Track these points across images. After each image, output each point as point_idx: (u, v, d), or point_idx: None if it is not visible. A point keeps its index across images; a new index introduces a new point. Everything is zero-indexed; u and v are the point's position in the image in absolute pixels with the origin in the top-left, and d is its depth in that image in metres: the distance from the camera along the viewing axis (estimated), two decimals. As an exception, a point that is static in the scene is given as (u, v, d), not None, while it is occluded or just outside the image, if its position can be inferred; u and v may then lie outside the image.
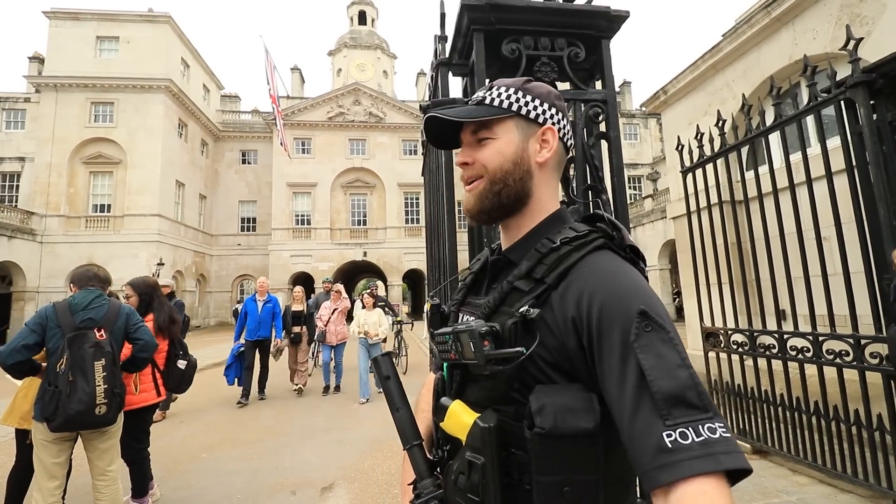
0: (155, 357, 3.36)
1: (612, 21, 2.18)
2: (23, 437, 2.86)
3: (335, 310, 7.44)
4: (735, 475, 0.52)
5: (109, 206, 24.22)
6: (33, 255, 21.26)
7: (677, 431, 0.52)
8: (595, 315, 0.61)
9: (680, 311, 20.47)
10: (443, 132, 0.82)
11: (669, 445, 0.52)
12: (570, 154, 0.88)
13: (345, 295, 8.36)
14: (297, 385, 7.45)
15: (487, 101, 0.79)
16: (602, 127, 2.21)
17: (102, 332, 2.66)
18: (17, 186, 24.90)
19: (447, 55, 2.44)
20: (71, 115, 23.98)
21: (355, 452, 4.39)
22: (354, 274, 34.71)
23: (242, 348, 6.67)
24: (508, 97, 0.78)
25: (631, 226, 22.99)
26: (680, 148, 4.47)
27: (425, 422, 0.85)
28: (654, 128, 29.09)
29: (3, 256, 19.54)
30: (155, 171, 24.27)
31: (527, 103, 0.78)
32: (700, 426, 0.52)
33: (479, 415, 0.67)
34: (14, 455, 2.91)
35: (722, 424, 0.54)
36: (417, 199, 29.11)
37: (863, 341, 2.85)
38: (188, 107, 27.09)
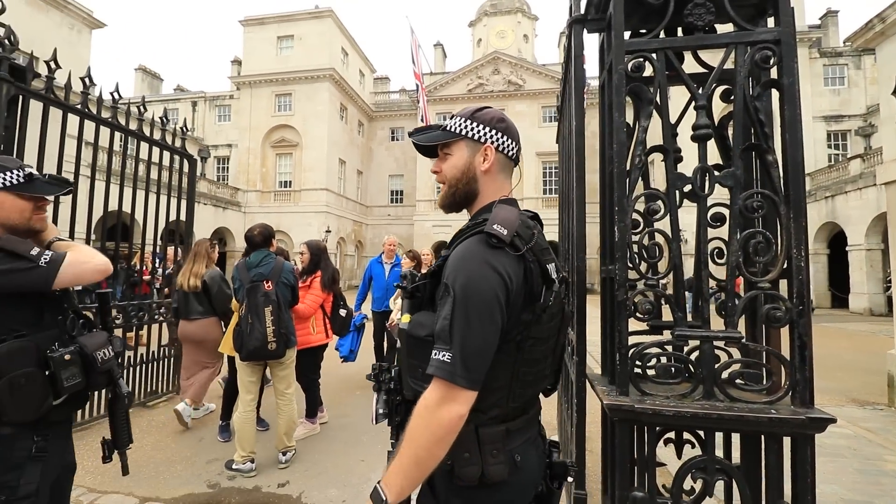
0: (325, 306, 4.19)
1: (795, -63, 1.76)
2: (233, 362, 3.76)
3: None
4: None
5: (290, 182, 28.81)
6: (238, 222, 26.58)
7: (433, 351, 0.95)
8: (444, 276, 1.01)
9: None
10: (427, 151, 1.20)
11: (432, 356, 0.95)
12: (515, 161, 1.23)
13: None
14: None
15: (447, 128, 1.16)
16: (773, 73, 1.84)
17: (269, 283, 3.29)
18: (227, 168, 31.22)
19: (582, 11, 2.27)
20: (261, 107, 28.84)
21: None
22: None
23: (365, 319, 5.32)
24: (460, 124, 1.15)
25: (827, 195, 18.77)
26: (901, 91, 3.44)
27: None
28: (871, 69, 22.45)
29: (220, 223, 24.85)
30: (322, 151, 27.94)
31: (472, 128, 1.14)
32: (440, 352, 0.93)
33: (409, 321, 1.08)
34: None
35: (449, 355, 0.92)
36: (555, 168, 28.01)
37: None
38: (347, 91, 30.25)
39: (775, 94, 1.86)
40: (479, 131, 1.14)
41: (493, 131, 1.15)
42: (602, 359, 2.19)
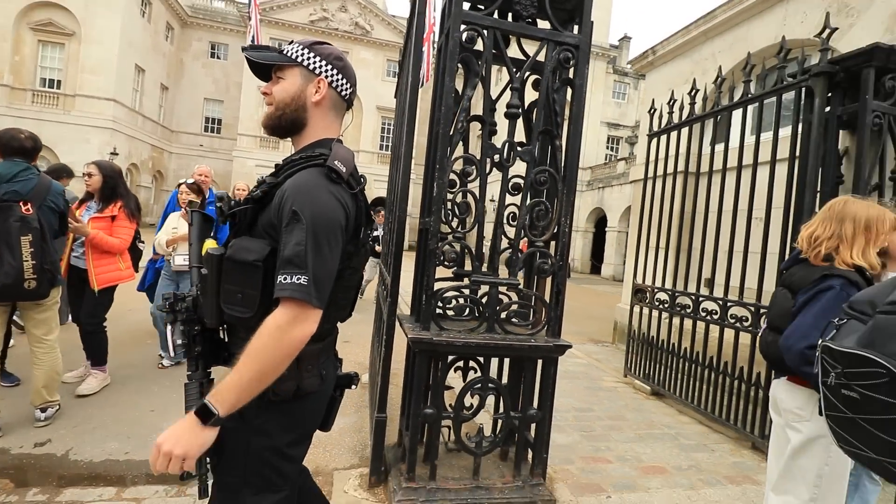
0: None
1: (598, -37, 2.15)
2: None
3: None
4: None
5: (59, 81, 22.03)
6: (-32, 122, 19.40)
7: (282, 276, 0.97)
8: (284, 205, 1.01)
9: (630, 273, 21.56)
10: (259, 71, 1.17)
11: (280, 281, 0.97)
12: (348, 103, 1.22)
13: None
14: None
15: (284, 52, 1.15)
16: (571, 73, 2.25)
17: (29, 206, 2.58)
18: (-52, 41, 22.07)
19: (429, -31, 2.34)
20: (14, -32, 20.94)
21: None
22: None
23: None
24: (297, 51, 1.13)
25: (600, 186, 23.47)
26: (652, 111, 4.54)
27: None
28: (643, 90, 28.76)
29: (-67, 119, 17.74)
30: (112, 50, 22.02)
31: (309, 58, 1.13)
32: (294, 276, 0.96)
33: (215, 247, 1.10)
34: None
35: (305, 278, 0.96)
36: (389, 125, 28.13)
37: (762, 310, 3.20)
38: (153, -19, 24.21)
39: (571, 91, 2.30)
40: (315, 62, 1.14)
41: (330, 67, 1.15)
42: (412, 302, 2.45)
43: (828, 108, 3.07)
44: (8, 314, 2.79)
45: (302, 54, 1.13)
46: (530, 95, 2.26)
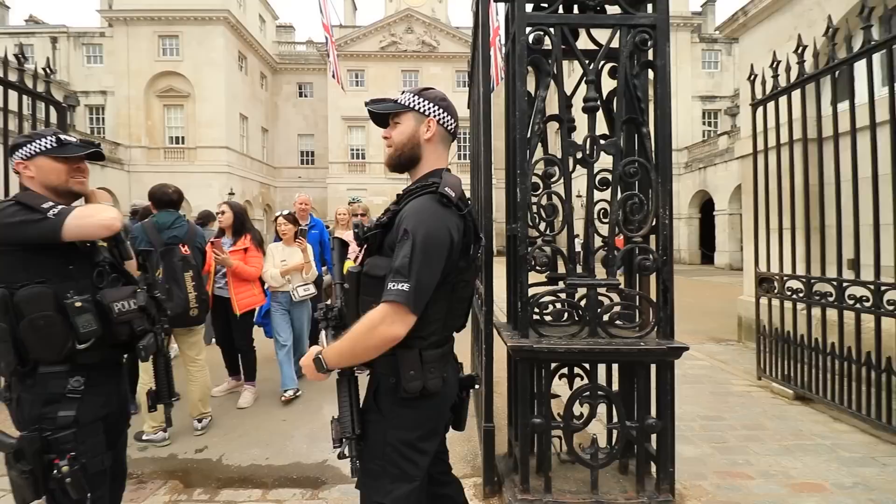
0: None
1: (672, -68, 1.98)
2: None
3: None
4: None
5: (183, 137, 25.83)
6: (122, 182, 23.44)
7: (390, 284, 1.16)
8: (400, 225, 1.22)
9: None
10: (378, 119, 1.41)
11: (388, 286, 1.17)
12: (453, 135, 1.41)
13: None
14: None
15: (398, 101, 1.37)
16: (650, 55, 2.09)
17: (186, 247, 3.15)
18: (103, 119, 27.00)
19: (490, -21, 2.34)
20: (142, 49, 25.08)
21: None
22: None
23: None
24: (409, 99, 1.36)
25: (701, 166, 21.35)
26: (752, 78, 4.04)
27: None
28: (739, 55, 25.64)
29: (98, 183, 21.47)
30: (220, 104, 25.29)
31: (419, 103, 1.35)
32: (398, 284, 1.15)
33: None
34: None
35: (408, 286, 1.15)
36: (466, 134, 28.41)
37: (929, 291, 2.67)
38: (246, 38, 27.36)
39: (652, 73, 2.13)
40: (424, 105, 1.35)
41: (436, 107, 1.36)
42: (507, 309, 2.43)
43: None
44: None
45: (413, 100, 1.35)
46: (609, 84, 2.15)
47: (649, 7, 2.12)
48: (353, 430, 1.27)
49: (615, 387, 2.29)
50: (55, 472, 1.39)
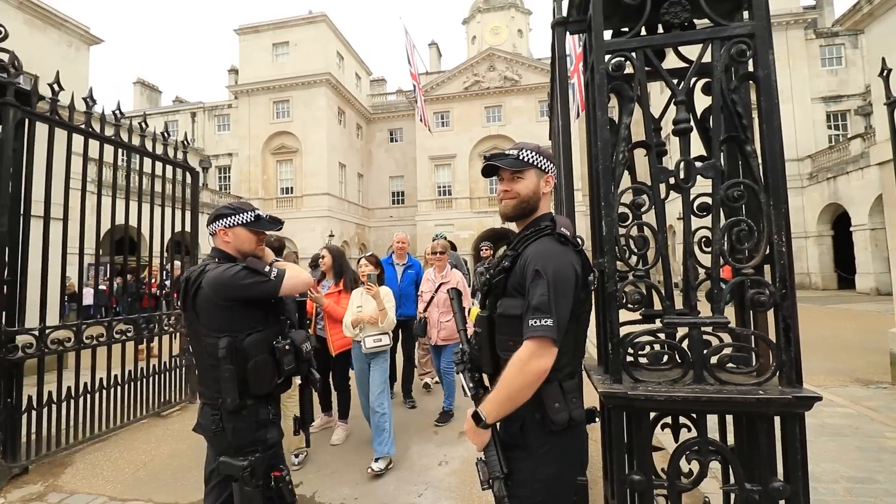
0: None
1: (763, -66, 1.82)
2: None
3: (440, 285, 4.42)
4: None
5: (291, 188, 29.03)
6: (243, 231, 26.77)
7: (531, 321, 1.27)
8: (528, 267, 1.35)
9: (901, 280, 15.95)
10: (489, 172, 1.54)
11: (530, 324, 1.27)
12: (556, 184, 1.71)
13: (458, 260, 5.79)
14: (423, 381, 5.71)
15: (520, 158, 1.48)
16: (750, 66, 1.90)
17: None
18: (229, 177, 31.49)
19: (564, 13, 2.34)
20: (260, 115, 29.06)
21: None
22: (494, 241, 35.44)
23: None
24: (531, 157, 1.48)
25: (829, 176, 18.71)
26: (886, 73, 3.48)
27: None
28: (867, 48, 22.26)
29: (224, 233, 25.12)
30: (322, 156, 28.13)
31: (540, 160, 1.49)
32: (540, 320, 1.25)
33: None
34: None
35: (552, 321, 1.25)
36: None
37: None
38: (344, 95, 30.40)
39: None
40: (544, 163, 1.50)
41: (552, 164, 1.52)
42: (598, 349, 2.26)
43: None
44: None
45: (535, 158, 1.49)
46: (703, 102, 1.98)
47: (745, 15, 1.94)
48: (501, 470, 1.31)
49: (730, 441, 1.99)
50: (273, 483, 1.77)
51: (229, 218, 1.90)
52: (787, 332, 1.77)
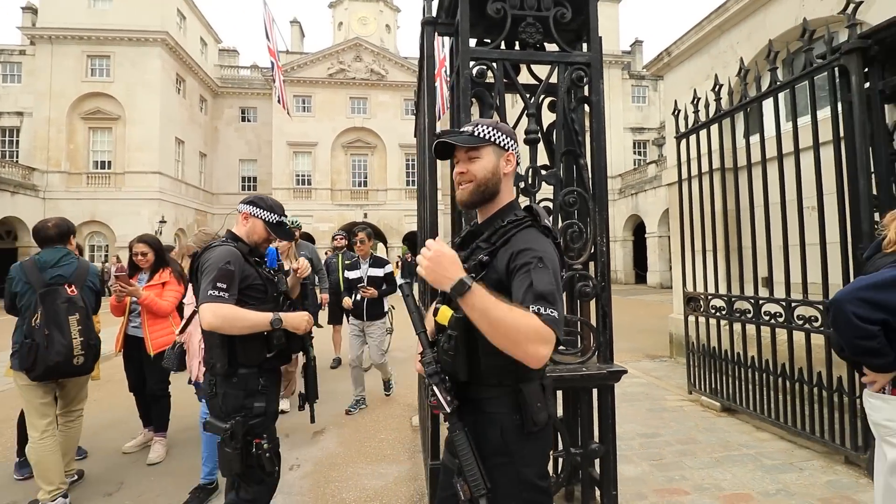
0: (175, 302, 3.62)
1: (599, -19, 2.14)
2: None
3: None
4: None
5: (110, 162, 24.11)
6: (36, 210, 21.35)
7: (537, 307, 1.08)
8: (516, 257, 1.17)
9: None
10: (442, 151, 1.34)
11: (538, 311, 1.07)
12: (518, 163, 1.39)
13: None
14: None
15: (476, 134, 1.29)
16: (586, 91, 2.22)
17: (73, 287, 2.79)
18: (17, 142, 24.69)
19: (434, 13, 2.41)
20: (67, 69, 23.44)
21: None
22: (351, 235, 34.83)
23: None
24: (488, 132, 1.29)
25: (633, 192, 22.90)
26: (676, 113, 4.42)
27: (429, 325, 1.36)
28: (664, 91, 28.18)
29: (6, 212, 19.67)
30: (154, 128, 23.96)
31: (499, 136, 1.29)
32: (548, 309, 1.08)
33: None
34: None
35: (557, 311, 1.09)
36: (412, 160, 28.77)
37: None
38: (185, 61, 26.40)
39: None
40: (503, 139, 1.30)
41: (512, 141, 1.33)
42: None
43: (867, 84, 2.89)
44: (55, 389, 2.91)
45: (493, 134, 1.29)
46: (549, 117, 2.25)
47: (584, 46, 2.26)
48: (485, 485, 1.13)
49: (560, 413, 2.31)
50: (254, 449, 1.84)
51: (259, 209, 2.08)
52: (604, 318, 2.13)
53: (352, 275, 4.52)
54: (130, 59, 23.86)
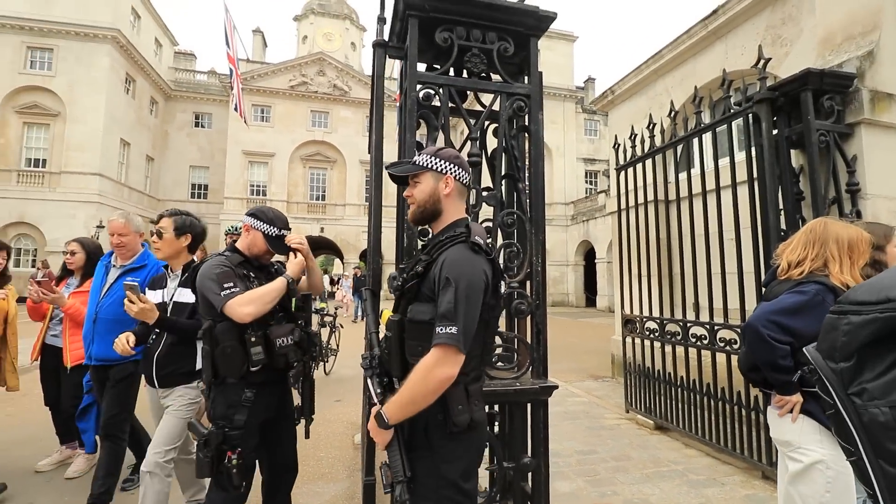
0: None
1: (540, 20, 2.31)
2: None
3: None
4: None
5: (45, 160, 22.43)
6: (-48, 208, 19.45)
7: (438, 328, 1.25)
8: (441, 274, 1.31)
9: (623, 302, 21.38)
10: (399, 180, 1.59)
11: (437, 331, 1.25)
12: (468, 187, 1.56)
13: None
14: None
15: (415, 162, 1.49)
16: (526, 120, 2.36)
17: None
18: (-66, 132, 22.56)
19: (385, 37, 2.50)
20: (3, 59, 21.85)
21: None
22: (312, 249, 34.02)
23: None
24: (426, 160, 1.47)
25: (584, 219, 23.89)
26: (616, 146, 4.73)
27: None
28: (609, 126, 29.92)
29: (-84, 208, 17.77)
30: (97, 127, 22.61)
31: (437, 163, 1.46)
32: (447, 327, 1.24)
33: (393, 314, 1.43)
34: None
35: (457, 329, 1.24)
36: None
37: (746, 331, 3.21)
38: (137, 61, 25.28)
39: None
40: (440, 165, 1.46)
41: (451, 165, 1.47)
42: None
43: (775, 131, 3.24)
44: None
45: (430, 161, 1.46)
46: (493, 142, 2.36)
47: (526, 79, 2.41)
48: (404, 473, 1.28)
49: (496, 428, 2.36)
50: (226, 461, 1.84)
51: (259, 221, 2.11)
52: (538, 334, 2.22)
53: (154, 297, 2.43)
54: (76, 54, 22.59)
